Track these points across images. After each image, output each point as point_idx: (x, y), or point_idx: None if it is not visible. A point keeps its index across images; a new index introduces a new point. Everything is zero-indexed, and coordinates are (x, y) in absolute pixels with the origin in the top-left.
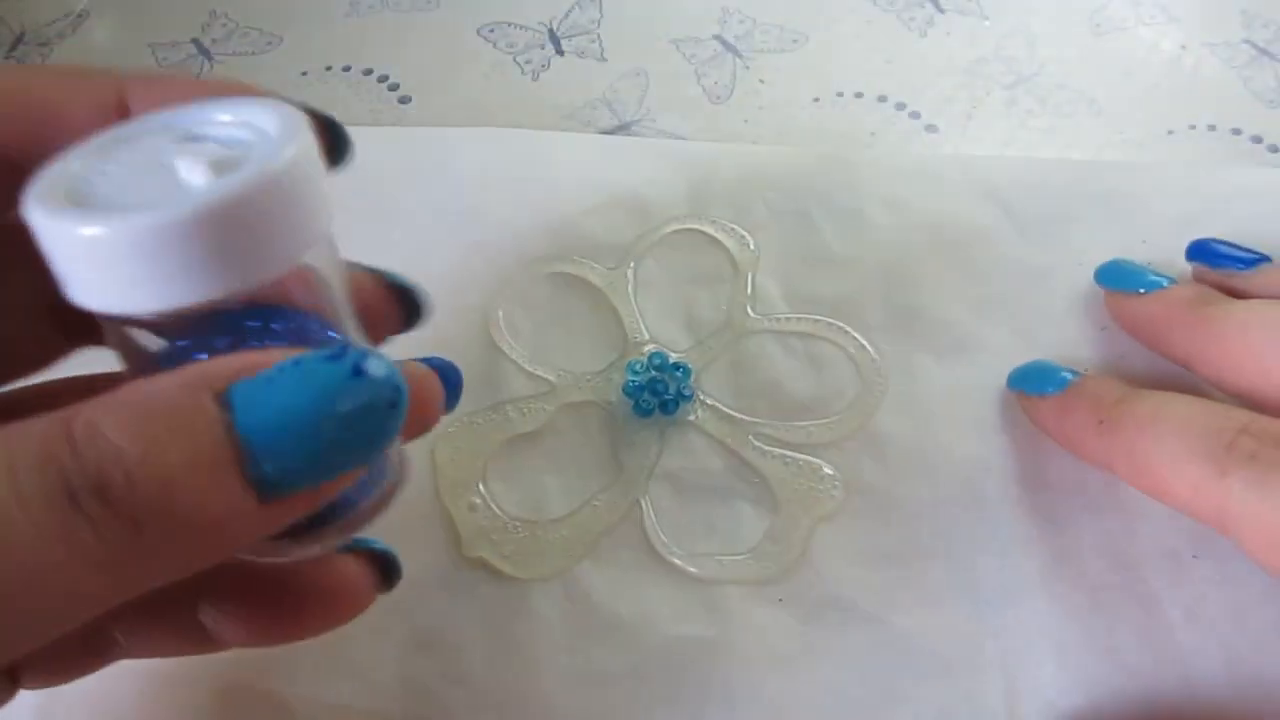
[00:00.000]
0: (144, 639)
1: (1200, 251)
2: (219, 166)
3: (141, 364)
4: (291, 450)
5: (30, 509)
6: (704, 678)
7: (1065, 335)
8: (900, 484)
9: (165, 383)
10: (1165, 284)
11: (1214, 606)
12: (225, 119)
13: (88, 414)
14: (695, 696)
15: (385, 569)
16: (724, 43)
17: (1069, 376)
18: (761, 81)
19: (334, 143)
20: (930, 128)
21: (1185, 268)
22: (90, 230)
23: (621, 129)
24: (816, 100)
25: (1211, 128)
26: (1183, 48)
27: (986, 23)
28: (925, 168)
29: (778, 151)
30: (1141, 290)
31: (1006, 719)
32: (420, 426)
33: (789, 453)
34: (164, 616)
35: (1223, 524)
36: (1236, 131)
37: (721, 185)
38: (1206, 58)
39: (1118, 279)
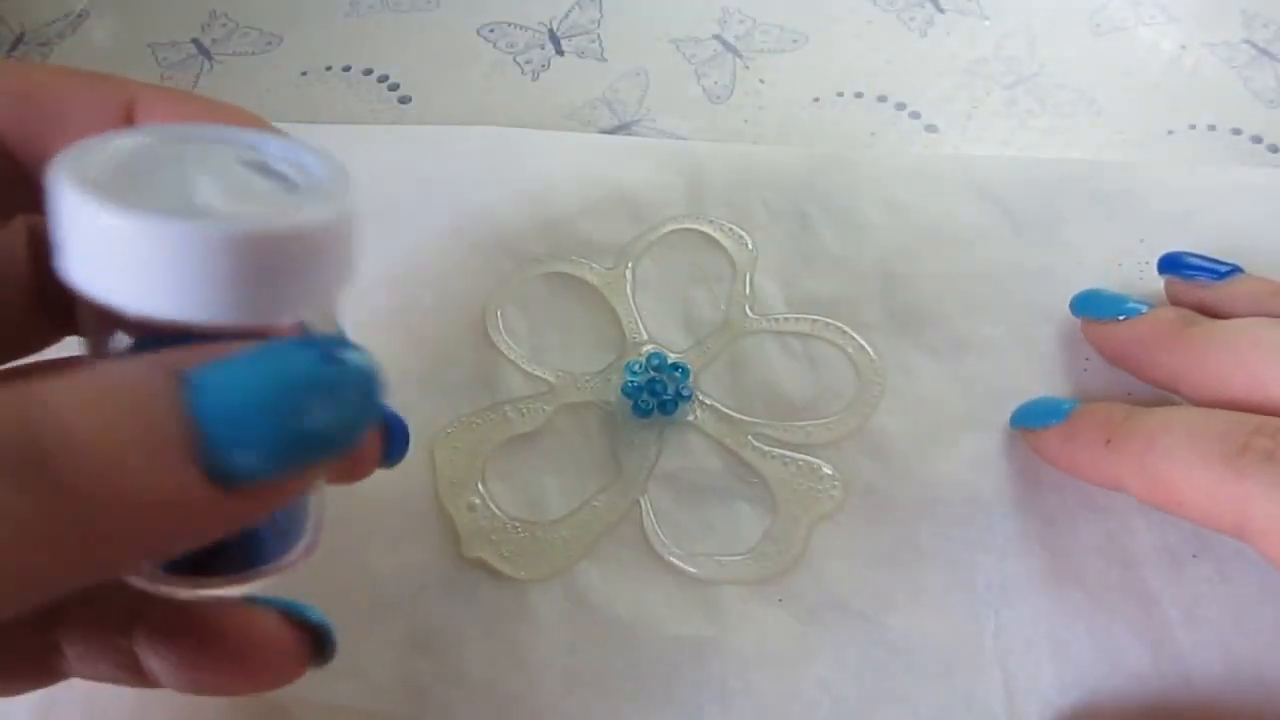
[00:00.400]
0: (85, 659)
1: (1172, 264)
2: (259, 197)
3: (104, 354)
4: (251, 436)
5: None
6: (703, 677)
7: (1063, 334)
8: (899, 484)
9: (127, 362)
10: (1144, 309)
11: (1213, 606)
12: (279, 153)
13: (38, 388)
14: (694, 696)
15: (319, 643)
16: (724, 43)
17: (1071, 405)
18: (761, 81)
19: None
20: (930, 128)
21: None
22: (115, 219)
23: (621, 129)
24: (816, 100)
25: (1211, 128)
26: (1183, 48)
27: (986, 23)
28: (923, 168)
29: (776, 151)
30: (1120, 317)
31: (1006, 719)
32: (353, 475)
33: (788, 453)
34: (103, 638)
35: (1241, 529)
36: (1236, 131)
37: (720, 185)
38: (1206, 58)
39: (1095, 307)
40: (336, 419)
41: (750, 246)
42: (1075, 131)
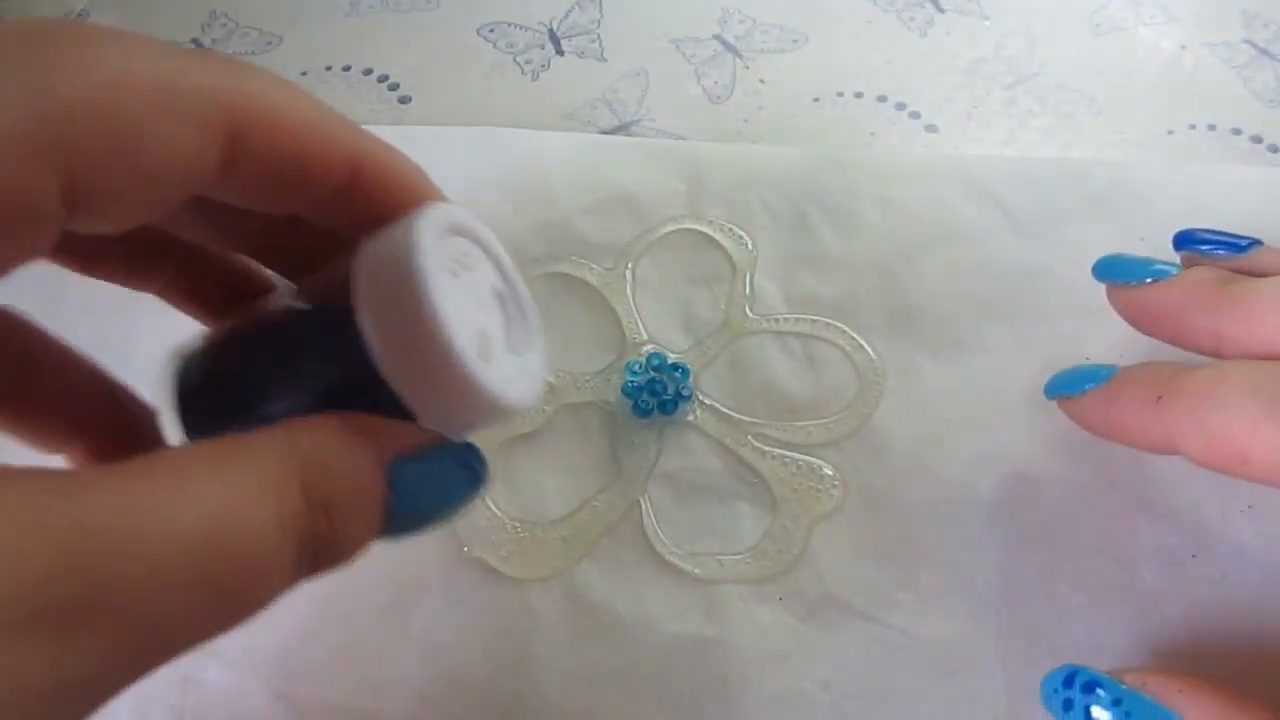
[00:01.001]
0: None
1: (1188, 240)
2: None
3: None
4: (413, 525)
5: (281, 558)
6: (704, 676)
7: (1063, 333)
8: (899, 483)
9: (358, 454)
10: (1173, 271)
11: (1213, 606)
12: (514, 287)
13: (327, 485)
14: (695, 695)
15: None
16: (724, 43)
17: (1110, 370)
18: (761, 81)
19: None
20: (930, 128)
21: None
22: (461, 371)
23: (621, 129)
24: (816, 100)
25: (1211, 128)
26: (1183, 48)
27: (986, 23)
28: (922, 168)
29: (776, 152)
30: (1148, 280)
31: (1007, 718)
32: None
33: (788, 453)
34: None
35: None
36: (1236, 131)
37: (720, 185)
38: (1206, 58)
39: (1120, 272)
40: (457, 513)
41: (750, 246)
42: (1075, 131)
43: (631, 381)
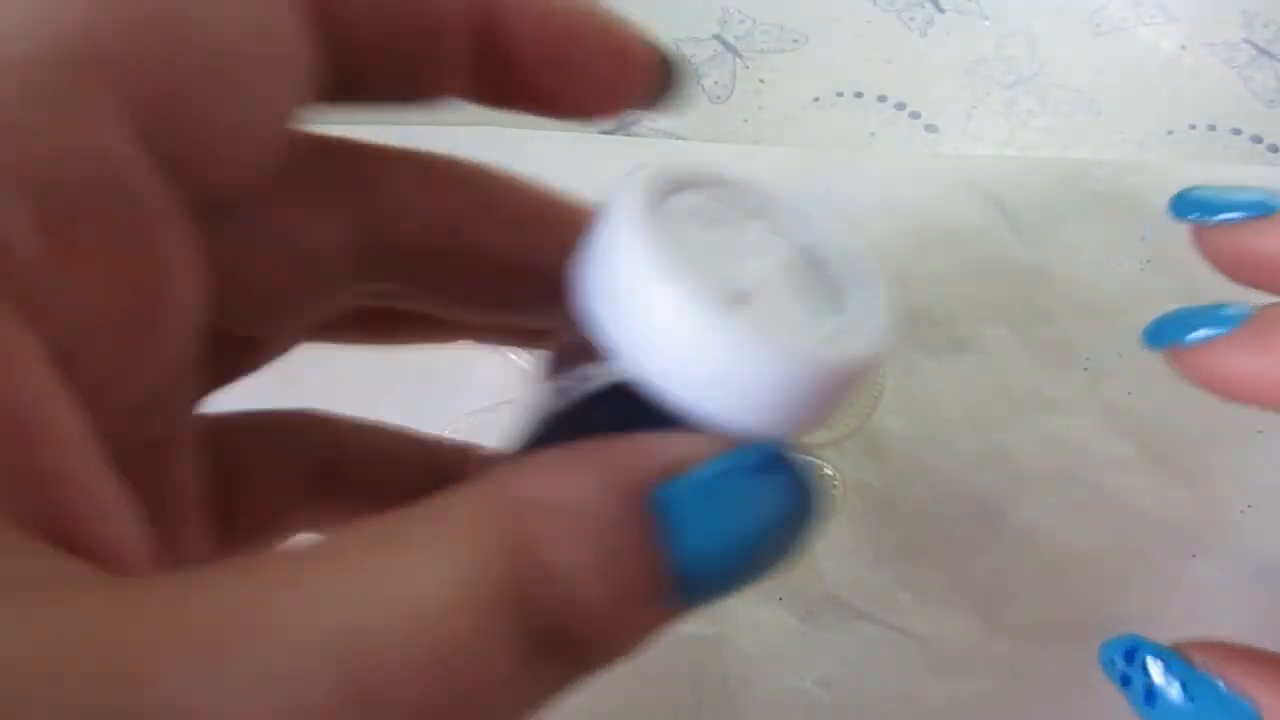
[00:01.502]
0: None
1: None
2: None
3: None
4: (716, 577)
5: (495, 660)
6: (704, 676)
7: (1063, 333)
8: (899, 483)
9: (591, 485)
10: (1275, 202)
11: (1213, 606)
12: (836, 253)
13: (535, 529)
14: (695, 695)
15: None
16: (724, 43)
17: (1241, 310)
18: (761, 81)
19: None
20: (930, 128)
21: (1195, 259)
22: (725, 340)
23: (621, 129)
24: (816, 100)
25: (1211, 128)
26: (1183, 48)
27: (986, 23)
28: (922, 168)
29: (776, 152)
30: (1247, 215)
31: (1007, 718)
32: None
33: None
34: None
35: None
36: (1236, 131)
37: None
38: (1206, 58)
39: (1212, 207)
40: (796, 545)
41: None
42: (1075, 131)
43: None
